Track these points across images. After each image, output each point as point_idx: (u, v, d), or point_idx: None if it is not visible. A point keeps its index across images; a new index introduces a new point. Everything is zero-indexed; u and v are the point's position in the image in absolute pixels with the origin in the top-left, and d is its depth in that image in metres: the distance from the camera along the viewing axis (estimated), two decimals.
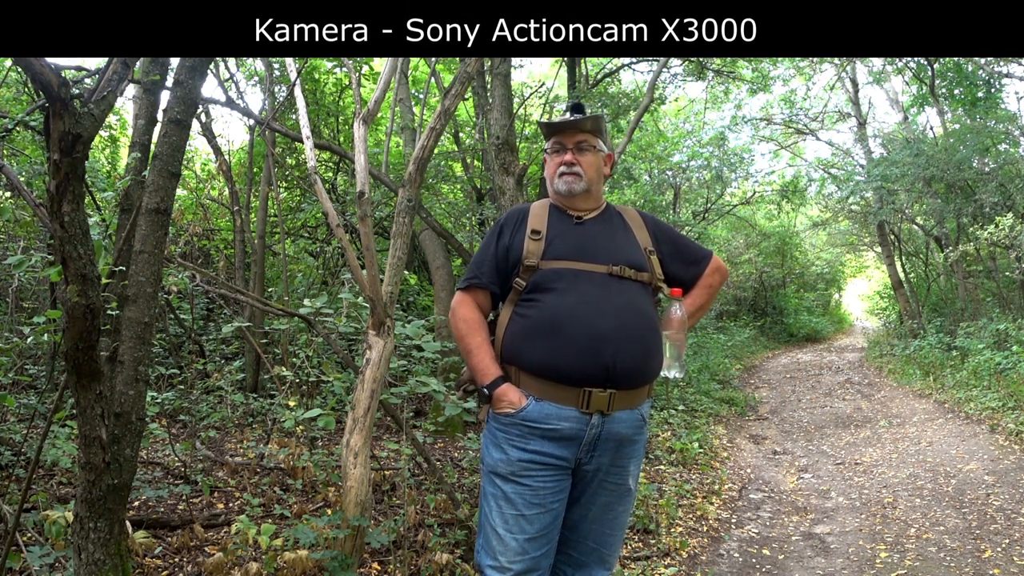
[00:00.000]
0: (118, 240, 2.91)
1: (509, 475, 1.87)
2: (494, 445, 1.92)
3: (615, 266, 1.94)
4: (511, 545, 1.85)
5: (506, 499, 1.87)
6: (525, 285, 1.92)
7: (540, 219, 2.01)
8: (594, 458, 1.91)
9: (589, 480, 1.94)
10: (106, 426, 2.06)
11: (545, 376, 1.86)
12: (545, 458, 1.86)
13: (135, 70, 2.43)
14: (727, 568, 3.67)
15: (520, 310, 1.92)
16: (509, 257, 1.97)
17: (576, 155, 2.02)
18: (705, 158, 14.47)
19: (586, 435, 1.87)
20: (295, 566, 2.82)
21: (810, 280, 23.21)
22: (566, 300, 1.87)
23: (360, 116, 3.15)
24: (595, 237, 2.00)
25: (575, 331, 1.83)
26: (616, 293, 1.91)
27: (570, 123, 2.02)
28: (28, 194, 2.25)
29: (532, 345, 1.87)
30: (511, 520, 1.86)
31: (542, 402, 1.86)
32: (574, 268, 1.92)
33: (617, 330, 1.85)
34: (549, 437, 1.86)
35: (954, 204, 11.22)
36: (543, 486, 1.86)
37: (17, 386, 4.77)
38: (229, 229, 7.80)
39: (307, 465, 4.10)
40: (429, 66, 6.91)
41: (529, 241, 1.96)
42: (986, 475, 5.14)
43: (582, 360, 1.83)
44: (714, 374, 10.47)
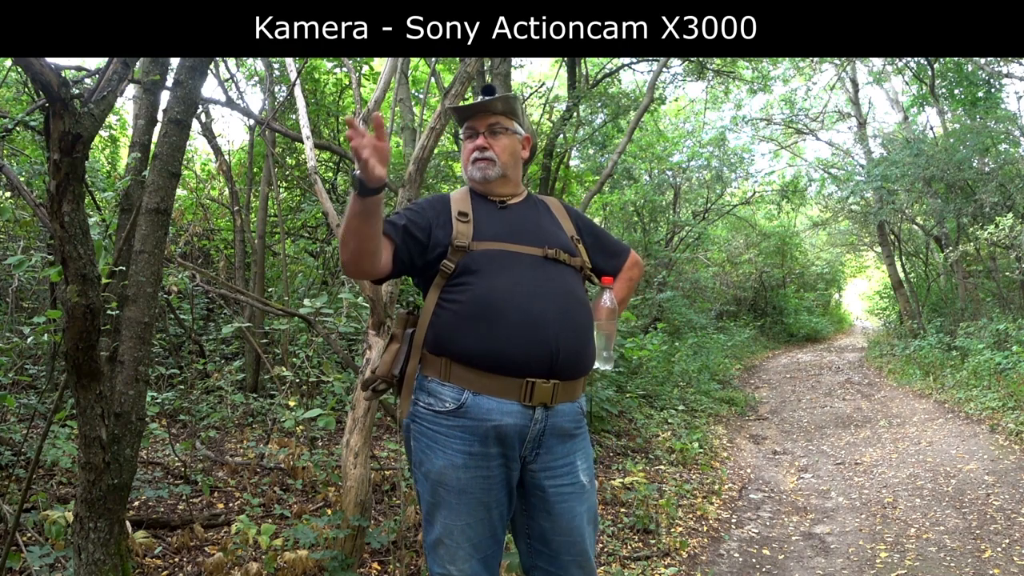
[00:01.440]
0: (118, 240, 2.91)
1: (453, 482, 1.71)
2: (432, 449, 1.74)
3: (550, 248, 1.83)
4: (459, 553, 1.73)
5: (450, 507, 1.72)
6: (454, 268, 1.77)
7: (464, 203, 1.88)
8: (539, 456, 1.78)
9: (540, 484, 1.79)
10: (106, 426, 2.06)
11: (483, 367, 1.71)
12: (489, 460, 1.72)
13: (135, 70, 2.43)
14: (727, 568, 3.67)
15: (449, 295, 1.76)
16: (432, 234, 1.80)
17: (489, 139, 1.90)
18: (705, 158, 14.49)
19: (530, 431, 1.74)
20: (295, 566, 2.82)
21: (810, 280, 23.22)
22: (501, 282, 1.74)
23: (360, 116, 3.15)
24: (525, 220, 1.89)
25: (515, 315, 1.70)
26: (552, 276, 1.80)
27: (479, 105, 1.90)
28: (28, 194, 2.25)
29: (468, 332, 1.71)
30: (456, 530, 1.72)
31: (480, 396, 1.71)
32: (508, 249, 1.79)
33: (558, 315, 1.74)
34: (492, 435, 1.71)
35: (954, 204, 11.22)
36: (488, 488, 1.73)
37: (17, 386, 4.77)
38: (229, 229, 7.81)
39: (307, 465, 4.10)
40: (429, 66, 6.91)
41: (457, 223, 1.81)
42: (986, 475, 5.14)
43: (526, 346, 1.70)
44: (714, 374, 10.47)
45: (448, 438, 1.73)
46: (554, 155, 10.01)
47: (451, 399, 1.74)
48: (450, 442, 1.72)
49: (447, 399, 1.74)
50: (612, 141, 11.15)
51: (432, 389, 1.77)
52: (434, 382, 1.77)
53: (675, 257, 13.80)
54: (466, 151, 1.94)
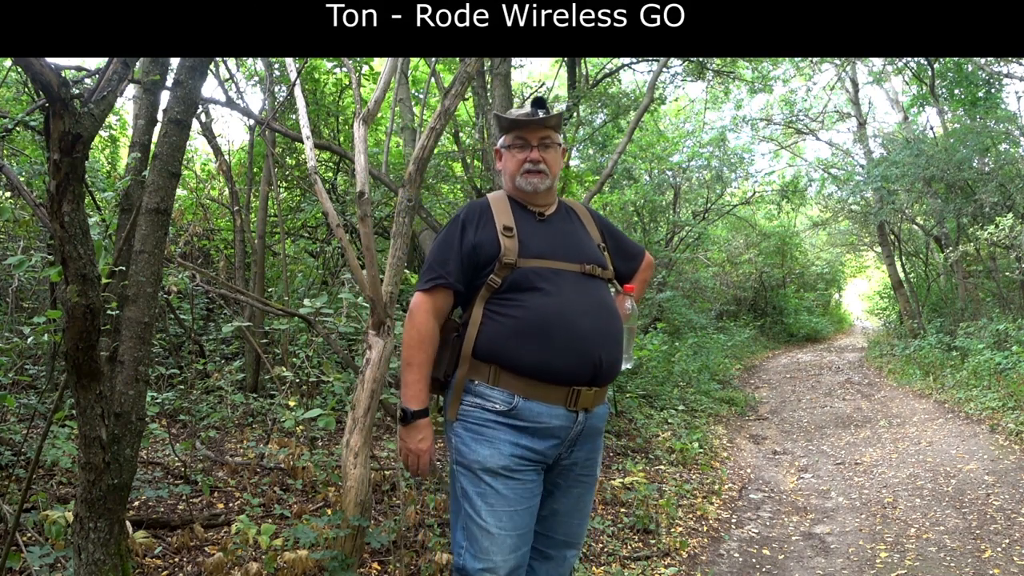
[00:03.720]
0: (118, 240, 2.91)
1: (500, 470, 1.83)
2: (478, 442, 1.86)
3: (587, 264, 1.96)
4: (506, 543, 1.82)
5: (498, 495, 1.83)
6: (501, 284, 1.88)
7: (506, 214, 1.97)
8: (573, 453, 1.95)
9: (565, 474, 1.97)
10: (106, 426, 2.06)
11: (534, 376, 1.85)
12: (533, 455, 1.87)
13: (135, 70, 2.43)
14: (727, 568, 3.67)
15: (500, 309, 1.88)
16: (478, 254, 1.91)
17: (541, 152, 1.99)
18: (705, 158, 14.48)
19: (571, 432, 1.91)
20: (295, 566, 2.82)
21: (810, 280, 23.22)
22: (551, 301, 1.86)
23: (360, 116, 3.15)
24: (564, 235, 2.02)
25: (565, 333, 1.84)
26: (591, 292, 1.94)
27: (538, 121, 1.98)
28: (28, 194, 2.25)
29: (520, 346, 1.85)
30: (505, 517, 1.82)
31: (530, 401, 1.86)
32: (552, 267, 1.91)
33: (598, 330, 1.89)
34: (539, 435, 1.86)
35: (954, 204, 11.22)
36: (531, 480, 1.87)
37: (17, 386, 4.77)
38: (229, 229, 7.80)
39: (307, 465, 4.10)
40: (429, 66, 6.91)
41: (503, 238, 1.91)
42: (986, 475, 5.14)
43: (575, 362, 1.86)
44: (714, 374, 10.47)
45: (496, 431, 1.86)
46: None
47: (502, 401, 1.87)
48: (498, 434, 1.85)
49: (497, 401, 1.87)
50: (612, 141, 11.15)
51: (481, 392, 1.88)
52: (482, 386, 1.88)
53: (675, 257, 13.79)
54: (515, 161, 2.01)
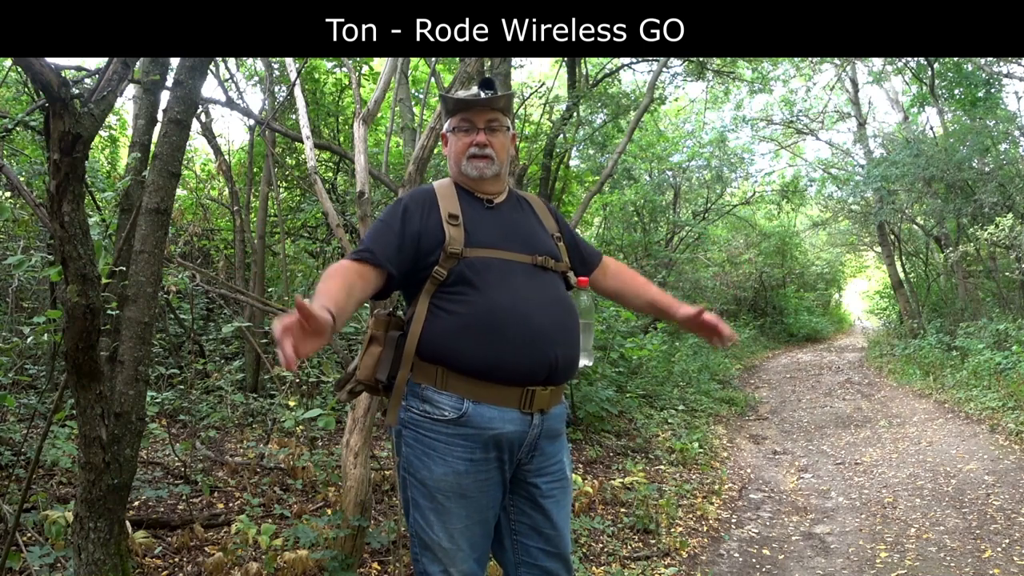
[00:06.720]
0: (118, 240, 2.91)
1: (453, 491, 1.70)
2: (430, 457, 1.72)
3: (539, 256, 1.83)
4: (459, 555, 1.73)
5: (451, 514, 1.72)
6: (447, 276, 1.73)
7: (452, 201, 1.82)
8: (534, 458, 1.81)
9: (533, 483, 1.82)
10: (106, 426, 2.06)
11: (484, 377, 1.71)
12: (489, 464, 1.73)
13: (135, 70, 2.43)
14: (727, 568, 3.67)
15: (445, 304, 1.73)
16: (421, 243, 1.75)
17: (488, 135, 1.85)
18: (705, 158, 14.48)
19: (528, 435, 1.77)
20: (295, 566, 2.82)
21: (810, 280, 23.21)
22: (500, 295, 1.72)
23: (360, 116, 3.15)
24: (514, 224, 1.88)
25: (518, 330, 1.70)
26: (545, 286, 1.81)
27: (483, 101, 1.84)
28: (28, 194, 2.25)
29: (468, 344, 1.70)
30: (457, 533, 1.72)
31: (480, 405, 1.71)
32: (501, 258, 1.77)
33: (555, 327, 1.77)
34: (492, 442, 1.72)
35: (954, 204, 11.22)
36: (487, 491, 1.75)
37: (17, 386, 4.77)
38: (229, 229, 7.81)
39: (307, 465, 4.10)
40: (429, 66, 6.91)
41: (448, 226, 1.76)
42: (986, 475, 5.14)
43: (529, 360, 1.72)
44: (714, 374, 10.47)
45: (448, 446, 1.71)
46: (554, 155, 10.01)
47: (451, 408, 1.71)
48: (450, 449, 1.71)
49: (446, 408, 1.72)
50: (612, 141, 11.14)
51: (428, 397, 1.73)
52: (429, 389, 1.73)
53: (675, 257, 13.78)
54: (460, 145, 1.87)
